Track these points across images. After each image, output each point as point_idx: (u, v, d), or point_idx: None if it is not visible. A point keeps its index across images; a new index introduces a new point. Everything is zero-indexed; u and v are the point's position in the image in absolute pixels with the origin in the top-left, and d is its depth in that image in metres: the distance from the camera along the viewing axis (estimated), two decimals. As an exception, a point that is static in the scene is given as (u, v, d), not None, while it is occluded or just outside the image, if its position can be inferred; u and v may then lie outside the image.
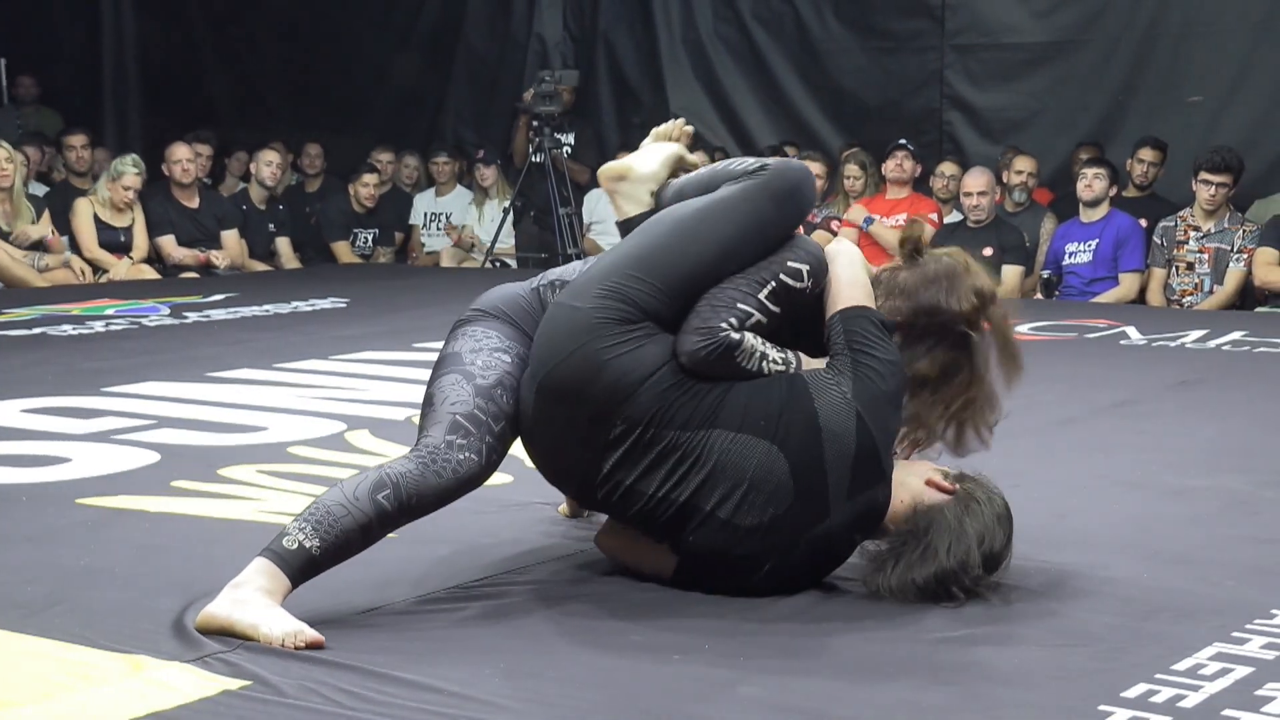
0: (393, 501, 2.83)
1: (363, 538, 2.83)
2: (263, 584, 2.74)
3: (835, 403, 2.88)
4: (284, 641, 2.64)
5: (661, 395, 2.88)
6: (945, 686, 2.53)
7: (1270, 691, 2.47)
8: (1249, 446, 4.52)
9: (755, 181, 3.04)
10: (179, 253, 9.20)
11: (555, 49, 11.77)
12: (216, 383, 5.48)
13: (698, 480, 2.89)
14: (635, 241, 3.05)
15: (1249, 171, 8.43)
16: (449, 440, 2.91)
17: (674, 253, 2.96)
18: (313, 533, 2.78)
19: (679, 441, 2.89)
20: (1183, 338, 6.61)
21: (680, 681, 2.56)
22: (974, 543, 2.90)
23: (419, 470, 2.87)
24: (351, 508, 2.81)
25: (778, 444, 2.87)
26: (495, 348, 3.06)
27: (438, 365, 3.08)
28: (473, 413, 2.95)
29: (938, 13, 10.26)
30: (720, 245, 2.97)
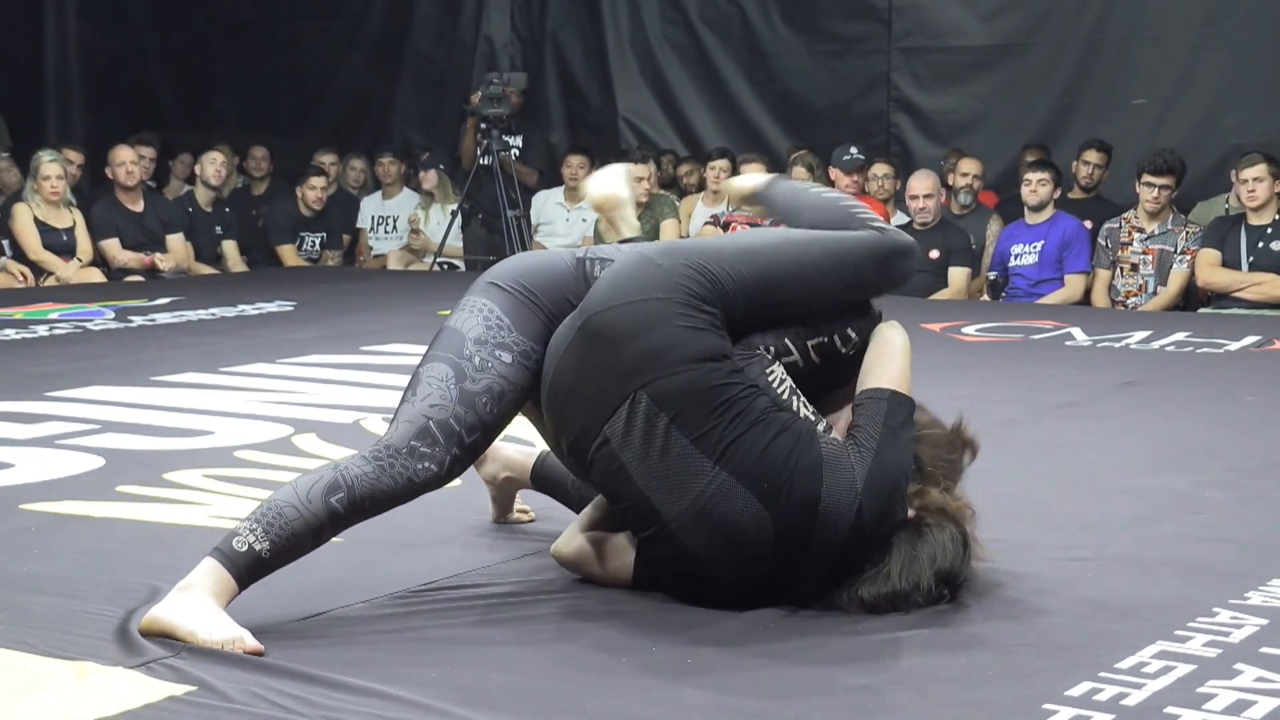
0: (345, 505, 2.79)
1: (314, 539, 2.80)
2: (209, 586, 2.72)
3: (842, 490, 2.79)
4: (222, 647, 2.63)
5: (694, 388, 2.78)
6: (892, 686, 2.55)
7: (1212, 689, 2.49)
8: (1192, 446, 4.56)
9: (874, 238, 3.06)
10: (123, 256, 9.13)
11: (503, 51, 11.76)
12: (162, 387, 5.44)
13: (682, 506, 2.81)
14: (744, 240, 3.04)
15: (1192, 174, 8.51)
16: (412, 446, 2.84)
17: (777, 268, 2.94)
18: (263, 534, 2.74)
19: (684, 453, 2.79)
20: (1127, 339, 6.67)
21: (626, 683, 2.56)
22: (926, 565, 2.85)
23: (375, 473, 2.81)
24: (303, 509, 2.77)
25: (772, 512, 2.78)
26: (499, 343, 2.93)
27: (440, 337, 2.97)
28: (447, 421, 2.85)
29: (884, 15, 10.31)
30: (817, 285, 2.97)
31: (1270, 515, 3.71)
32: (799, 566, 2.83)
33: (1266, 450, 4.48)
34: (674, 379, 2.79)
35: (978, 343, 6.66)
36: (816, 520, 2.79)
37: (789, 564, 2.83)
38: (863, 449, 2.84)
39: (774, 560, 2.82)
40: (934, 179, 8.52)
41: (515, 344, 2.93)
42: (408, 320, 7.15)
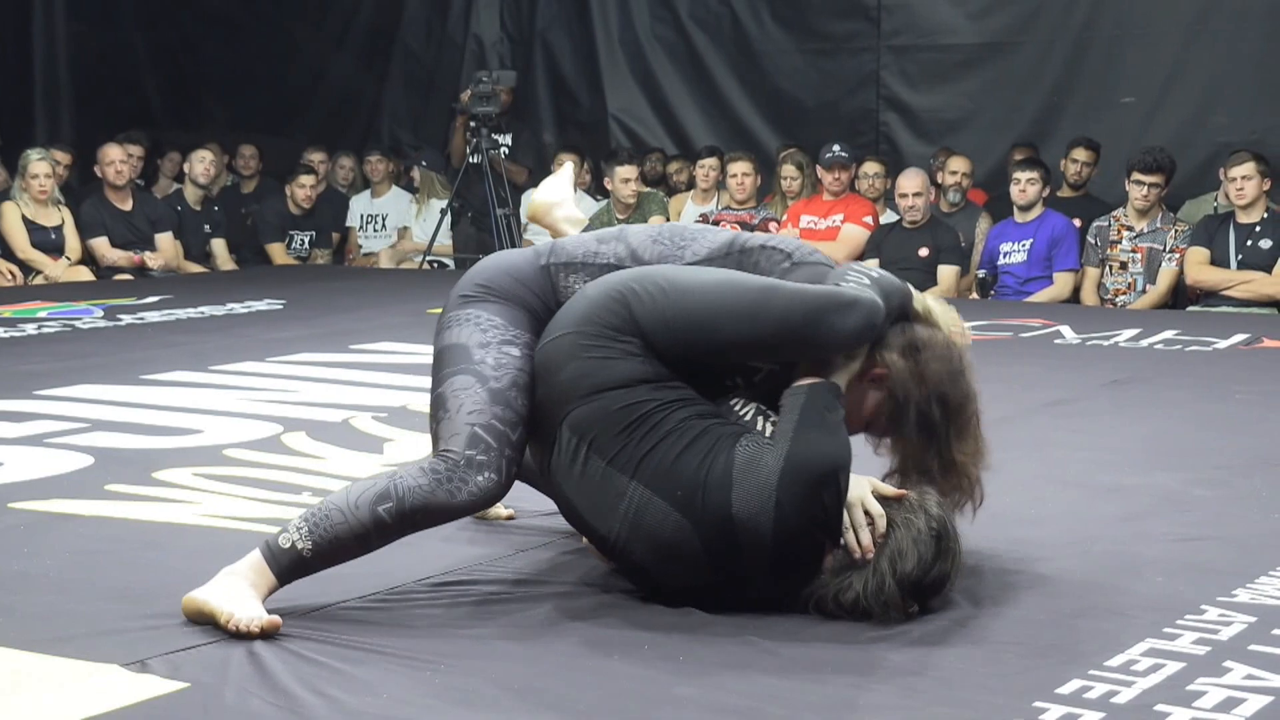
0: (394, 515, 2.80)
1: (359, 545, 2.82)
2: (250, 577, 2.78)
3: (755, 492, 2.74)
4: (242, 625, 2.67)
5: (604, 412, 2.82)
6: (881, 685, 2.55)
7: (1201, 686, 2.50)
8: (1181, 444, 4.57)
9: (817, 293, 2.89)
10: (113, 254, 9.11)
11: (492, 50, 11.75)
12: (151, 385, 5.43)
13: (615, 523, 2.83)
14: (683, 278, 2.93)
15: (1181, 172, 8.53)
16: (469, 456, 2.83)
17: (700, 312, 2.86)
18: (308, 534, 2.79)
19: (605, 474, 2.82)
20: (1116, 337, 6.68)
21: (618, 679, 2.56)
22: (886, 573, 2.80)
23: (430, 486, 2.81)
24: (349, 515, 2.79)
25: (691, 520, 2.77)
26: (504, 340, 2.95)
27: (444, 356, 2.96)
28: (491, 424, 2.85)
29: (874, 14, 10.32)
30: (742, 332, 2.87)
31: (1259, 513, 3.72)
32: (742, 572, 2.81)
33: (1255, 448, 4.49)
34: (586, 406, 2.84)
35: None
36: (736, 526, 2.76)
37: (729, 571, 2.81)
38: (777, 446, 2.79)
39: (712, 568, 2.81)
40: (923, 177, 8.53)
41: (515, 338, 2.96)
42: (397, 319, 7.14)
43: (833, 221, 8.77)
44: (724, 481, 2.76)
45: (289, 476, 4.05)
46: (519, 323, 2.99)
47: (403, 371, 5.74)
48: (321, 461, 4.25)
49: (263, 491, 3.87)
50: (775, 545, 2.77)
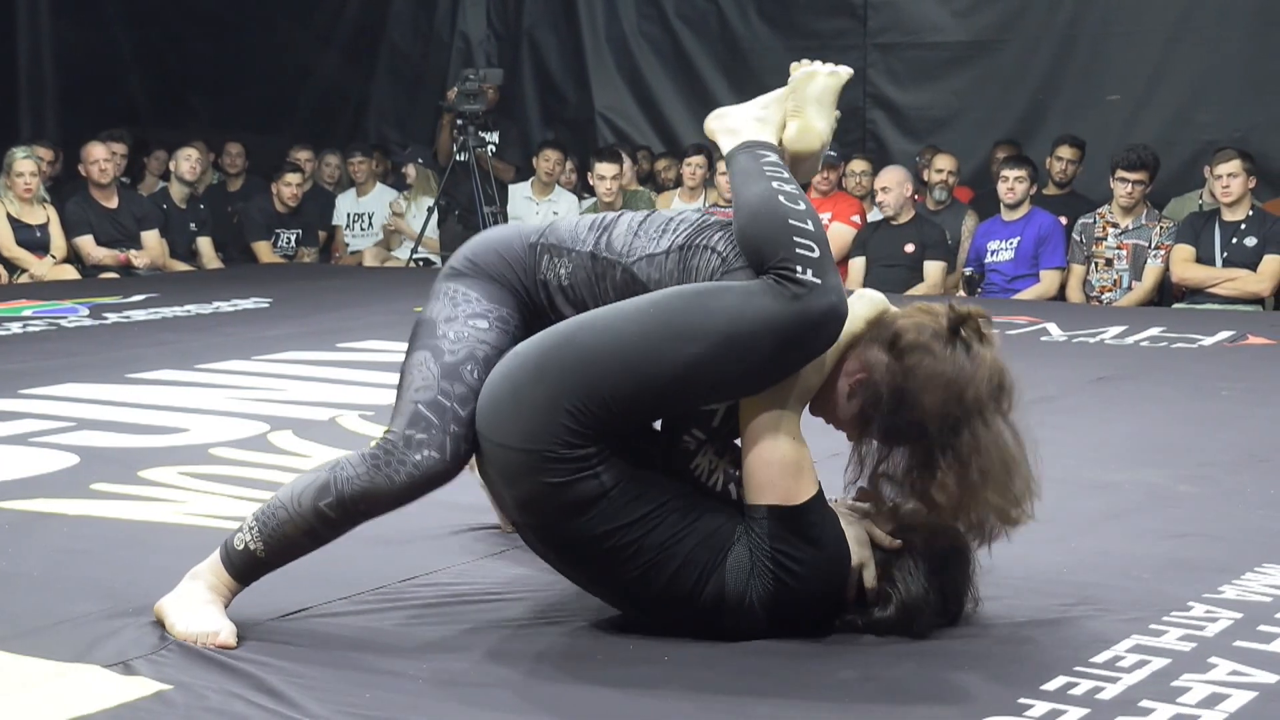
0: (335, 509, 2.73)
1: (310, 541, 2.77)
2: (210, 580, 2.77)
3: (749, 622, 2.70)
4: (195, 640, 2.66)
5: (573, 542, 2.69)
6: (867, 682, 2.55)
7: (1186, 683, 2.51)
8: (1167, 441, 4.58)
9: (773, 311, 2.61)
10: (98, 253, 9.09)
11: (479, 47, 11.74)
12: (137, 384, 5.42)
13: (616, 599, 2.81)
14: (630, 348, 2.65)
15: (1166, 169, 8.54)
16: (408, 436, 2.74)
17: (662, 377, 2.63)
18: (258, 534, 2.75)
19: (591, 583, 2.79)
20: (1102, 334, 6.69)
21: (603, 678, 2.56)
22: (912, 617, 2.75)
23: (368, 474, 2.73)
24: (294, 512, 2.75)
25: (690, 622, 2.73)
26: (472, 313, 2.84)
27: (415, 331, 2.89)
28: (436, 399, 2.74)
29: (860, 12, 10.32)
30: (713, 380, 2.65)
31: (1244, 509, 3.73)
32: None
33: (1241, 445, 4.50)
34: (550, 530, 2.71)
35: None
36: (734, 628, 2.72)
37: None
38: (761, 577, 2.68)
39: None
40: (900, 173, 8.53)
41: (488, 311, 2.85)
42: (384, 317, 7.13)
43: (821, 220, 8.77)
44: (716, 611, 2.70)
45: (275, 475, 4.04)
46: (496, 298, 2.87)
47: (389, 370, 5.69)
48: (308, 460, 4.24)
49: (249, 490, 3.86)
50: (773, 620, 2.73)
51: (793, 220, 2.70)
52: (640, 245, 2.86)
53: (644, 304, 2.71)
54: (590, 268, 2.87)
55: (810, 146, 2.98)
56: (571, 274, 2.87)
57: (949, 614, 2.79)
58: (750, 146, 2.89)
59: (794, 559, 2.68)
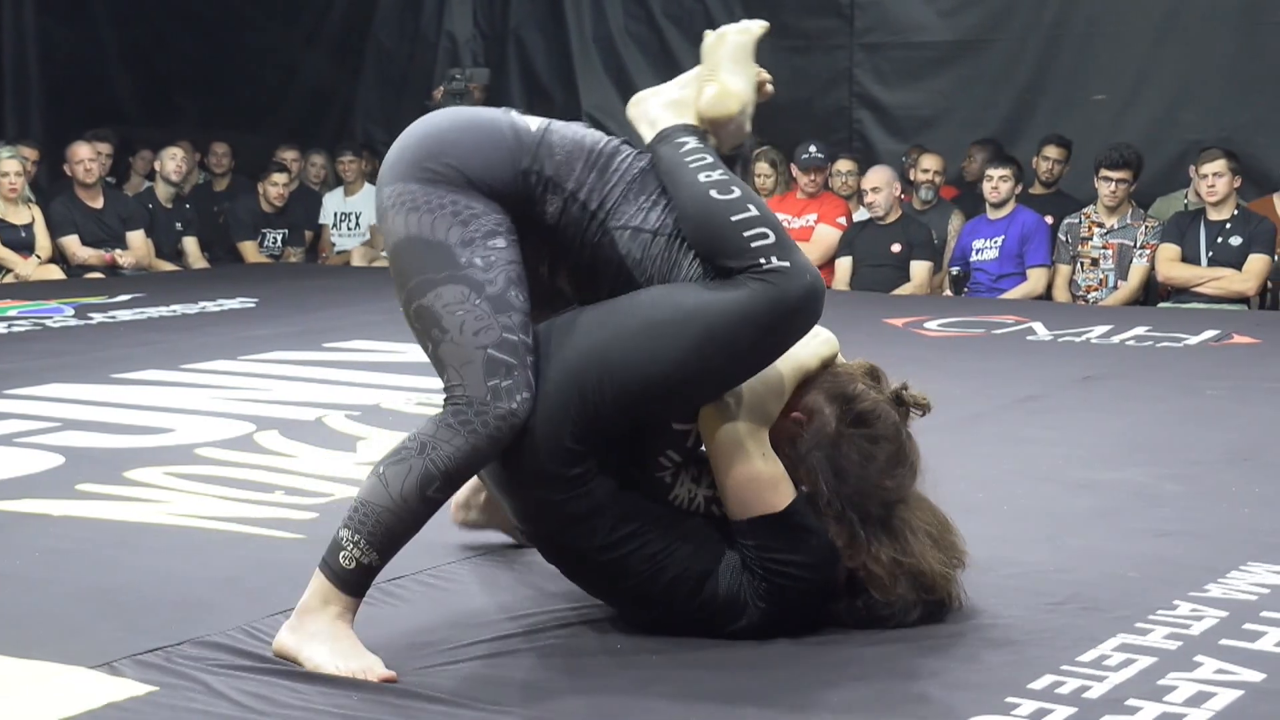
0: (444, 489, 2.61)
1: (416, 528, 2.64)
2: (332, 610, 2.60)
3: (748, 626, 2.72)
4: (353, 676, 2.52)
5: (568, 556, 2.74)
6: (853, 680, 2.56)
7: (1173, 681, 2.51)
8: (1153, 440, 4.59)
9: (750, 301, 2.60)
10: (83, 253, 9.07)
11: (466, 47, 11.72)
12: (122, 384, 5.40)
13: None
14: (603, 360, 2.63)
15: (1151, 169, 8.55)
16: (492, 387, 2.57)
17: (637, 383, 2.62)
18: (368, 548, 2.59)
19: (590, 587, 2.82)
20: (1088, 333, 6.70)
21: (590, 674, 2.56)
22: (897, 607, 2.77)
23: (468, 442, 2.57)
24: (401, 510, 2.58)
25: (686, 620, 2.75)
26: (486, 232, 2.63)
27: (418, 251, 2.62)
28: (503, 339, 2.58)
29: (846, 11, 10.32)
30: (682, 381, 2.63)
31: (1229, 508, 3.74)
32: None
33: (1226, 443, 4.51)
34: (551, 540, 2.74)
35: (940, 338, 6.68)
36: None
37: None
38: (758, 595, 2.71)
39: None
40: (884, 173, 8.54)
41: (499, 225, 2.66)
42: (370, 317, 7.12)
43: (806, 221, 8.78)
44: (717, 612, 2.71)
45: (261, 475, 4.03)
46: (498, 210, 2.67)
47: (376, 370, 5.72)
48: (294, 460, 4.23)
49: (235, 490, 3.86)
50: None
51: (734, 216, 2.65)
52: (628, 214, 2.73)
53: (623, 313, 2.68)
54: (575, 219, 2.72)
55: (728, 109, 2.90)
56: (557, 217, 2.72)
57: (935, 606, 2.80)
58: (667, 136, 2.81)
59: (787, 563, 2.69)
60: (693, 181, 2.70)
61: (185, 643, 2.68)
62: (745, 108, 2.93)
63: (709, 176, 2.71)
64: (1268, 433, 4.67)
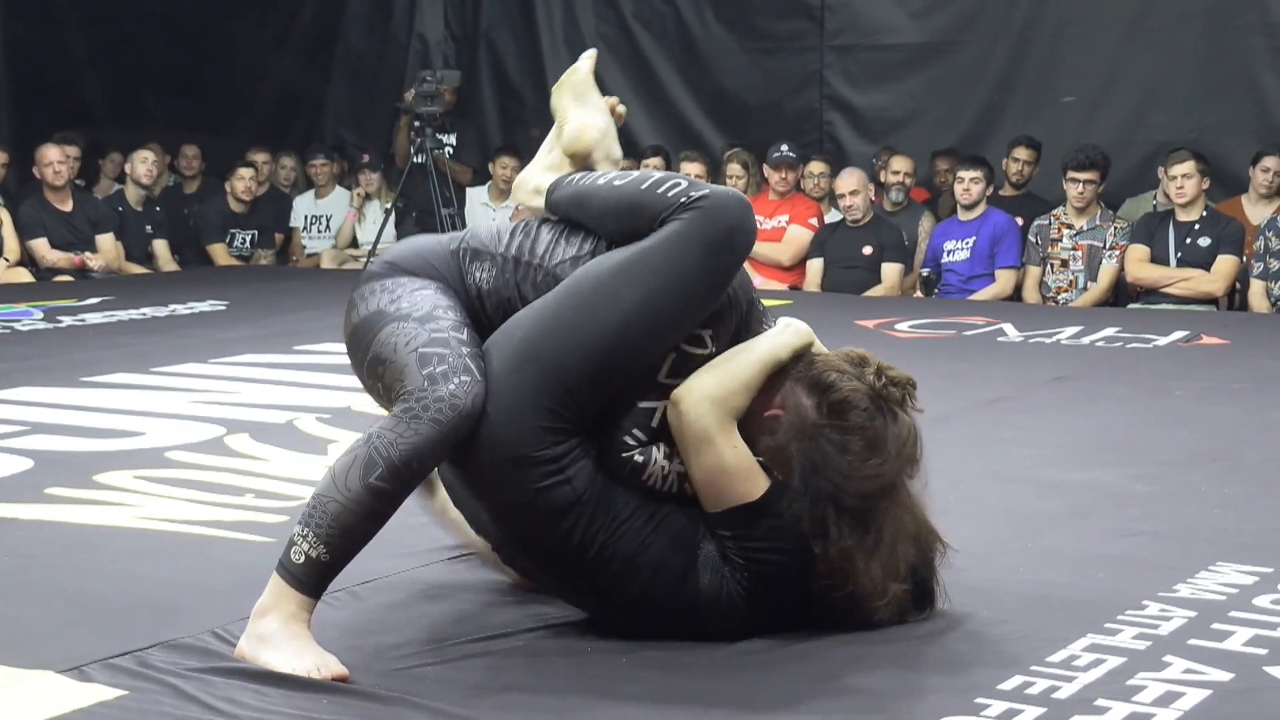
0: (389, 479, 2.57)
1: (372, 523, 2.61)
2: (283, 609, 2.59)
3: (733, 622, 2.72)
4: (308, 674, 2.52)
5: (546, 550, 2.71)
6: (824, 680, 2.56)
7: (1141, 681, 2.52)
8: (1122, 441, 4.61)
9: (684, 226, 2.66)
10: (52, 255, 9.02)
11: (437, 49, 11.71)
12: (92, 387, 5.38)
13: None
14: (584, 320, 2.66)
15: (1120, 171, 8.60)
16: (427, 375, 2.59)
17: (630, 338, 2.64)
18: (315, 540, 2.57)
19: (563, 586, 2.80)
20: (1058, 334, 6.73)
21: (569, 681, 2.56)
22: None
23: (410, 429, 2.57)
24: (345, 499, 2.57)
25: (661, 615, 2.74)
26: (414, 289, 2.76)
27: (361, 330, 2.77)
28: (432, 338, 2.64)
29: (816, 13, 10.35)
30: (640, 323, 2.64)
31: (1198, 508, 3.76)
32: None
33: (1195, 444, 4.53)
34: (528, 541, 2.73)
35: (911, 339, 6.70)
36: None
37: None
38: (736, 578, 2.71)
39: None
40: (860, 175, 8.56)
41: (428, 283, 2.79)
42: (340, 319, 7.09)
43: (778, 222, 8.80)
44: (697, 609, 2.71)
45: (232, 479, 4.02)
46: (427, 279, 2.81)
47: (347, 372, 5.65)
48: (265, 463, 4.22)
49: (205, 494, 3.85)
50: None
51: (642, 185, 2.75)
52: (563, 250, 2.83)
53: (570, 282, 2.73)
54: (512, 271, 2.82)
55: (585, 138, 3.03)
56: (494, 278, 2.82)
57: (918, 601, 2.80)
58: (555, 186, 2.92)
59: (768, 549, 2.68)
60: (595, 188, 2.83)
61: (155, 646, 2.67)
62: (603, 133, 3.05)
63: (606, 180, 2.83)
64: (1236, 433, 4.70)
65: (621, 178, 2.81)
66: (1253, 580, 3.11)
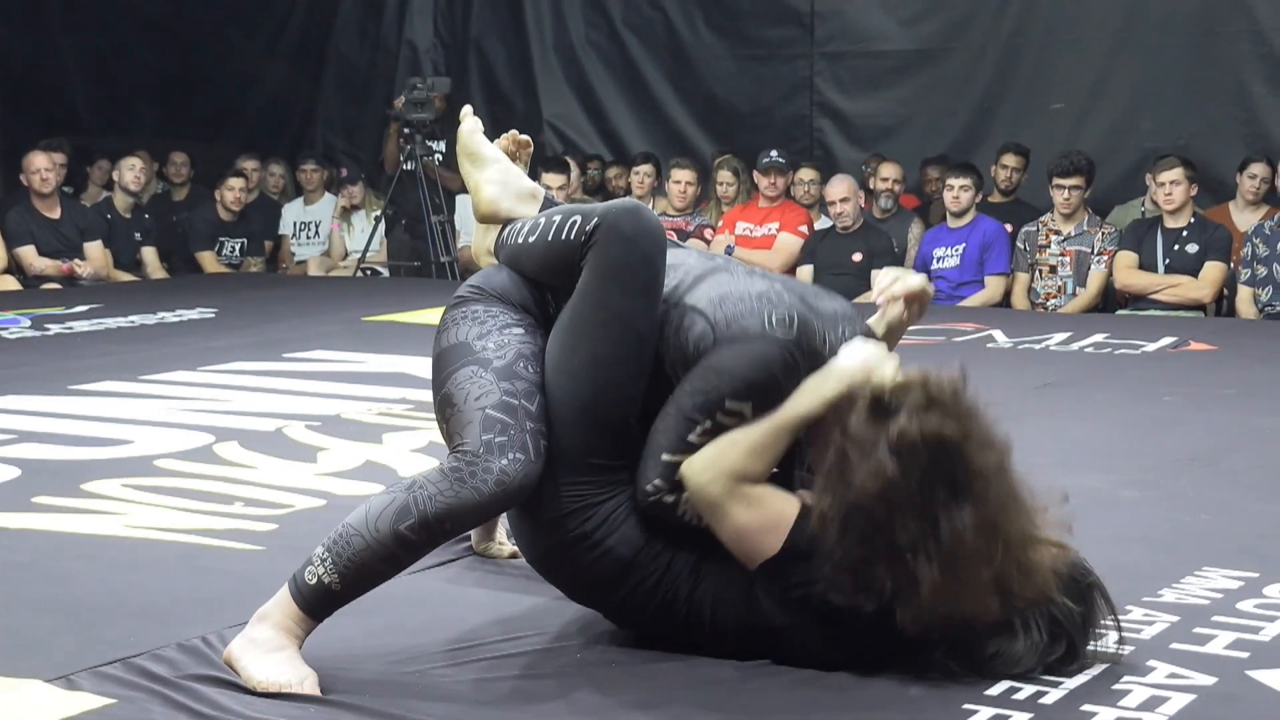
0: (418, 531, 2.56)
1: (389, 567, 2.60)
2: (281, 621, 2.58)
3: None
4: (283, 688, 2.50)
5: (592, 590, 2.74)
6: (811, 687, 2.56)
7: (1126, 685, 2.53)
8: (1110, 447, 4.62)
9: (592, 267, 2.70)
10: (40, 263, 9.00)
11: (426, 56, 11.72)
12: (80, 396, 5.37)
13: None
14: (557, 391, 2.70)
15: (1109, 177, 8.62)
16: (486, 442, 2.58)
17: (579, 410, 2.67)
18: (332, 568, 2.56)
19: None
20: (1047, 340, 6.74)
21: (549, 680, 2.57)
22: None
23: (452, 490, 2.57)
24: (370, 539, 2.55)
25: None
26: (503, 324, 2.76)
27: (443, 359, 2.75)
28: (502, 400, 2.62)
29: (807, 20, 10.38)
30: (606, 375, 2.67)
31: (1184, 514, 3.77)
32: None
33: (1182, 449, 4.55)
34: (576, 593, 2.80)
35: (900, 345, 6.68)
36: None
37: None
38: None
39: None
40: (850, 182, 8.58)
41: (520, 319, 2.78)
42: (330, 327, 7.11)
43: (768, 229, 8.81)
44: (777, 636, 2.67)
45: (220, 487, 4.02)
46: (520, 312, 2.81)
47: (336, 380, 5.71)
48: (254, 471, 4.22)
49: (193, 502, 3.84)
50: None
51: (548, 237, 2.78)
52: None
53: (546, 360, 2.75)
54: None
55: (482, 208, 3.09)
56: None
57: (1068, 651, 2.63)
58: (498, 250, 2.97)
59: (810, 583, 2.59)
60: (520, 249, 2.87)
61: (143, 655, 2.67)
62: (502, 185, 3.08)
63: (522, 237, 2.87)
64: (1223, 438, 4.72)
65: (533, 231, 2.84)
66: (1238, 585, 3.12)
